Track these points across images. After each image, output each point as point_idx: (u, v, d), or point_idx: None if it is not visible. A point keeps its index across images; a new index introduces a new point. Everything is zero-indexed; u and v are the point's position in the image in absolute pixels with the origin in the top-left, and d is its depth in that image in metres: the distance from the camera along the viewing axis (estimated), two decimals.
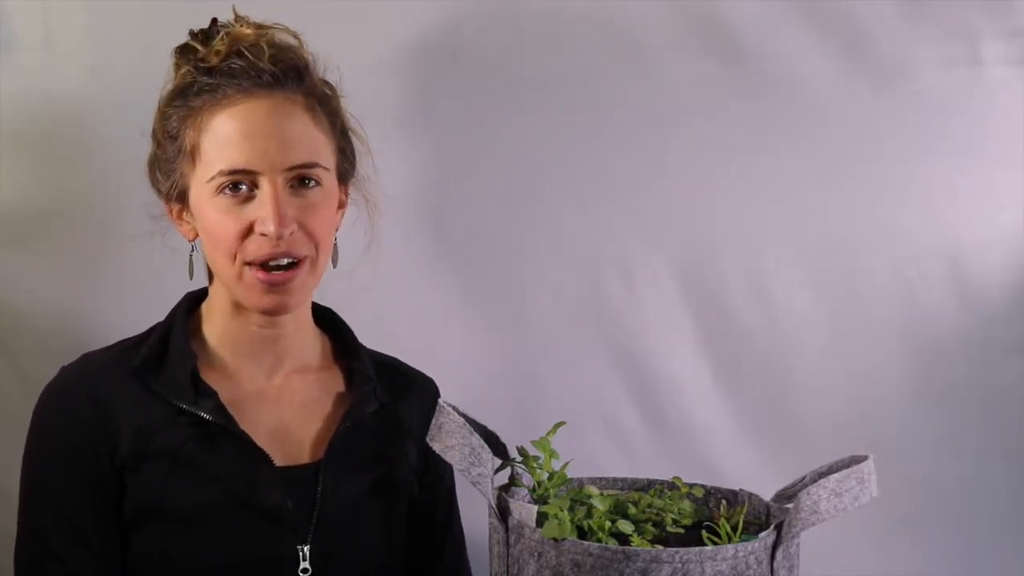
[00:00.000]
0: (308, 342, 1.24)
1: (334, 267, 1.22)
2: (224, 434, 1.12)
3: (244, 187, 1.12)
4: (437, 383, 1.32)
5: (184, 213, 1.18)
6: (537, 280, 1.51)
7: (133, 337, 1.20)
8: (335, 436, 1.18)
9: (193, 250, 1.20)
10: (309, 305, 1.24)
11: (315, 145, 1.16)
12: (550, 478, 1.06)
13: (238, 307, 1.18)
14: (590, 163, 1.50)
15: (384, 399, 1.23)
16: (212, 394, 1.13)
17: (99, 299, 1.41)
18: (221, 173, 1.11)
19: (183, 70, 1.16)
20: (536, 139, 1.49)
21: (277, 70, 1.14)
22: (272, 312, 1.16)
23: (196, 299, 1.23)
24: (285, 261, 1.12)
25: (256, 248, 1.12)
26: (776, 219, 1.52)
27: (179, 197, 1.17)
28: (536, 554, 0.95)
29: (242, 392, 1.18)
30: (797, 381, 1.53)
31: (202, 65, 1.14)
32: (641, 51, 1.49)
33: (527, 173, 1.50)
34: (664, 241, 1.52)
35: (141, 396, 1.13)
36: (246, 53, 1.13)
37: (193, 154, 1.14)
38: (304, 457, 1.18)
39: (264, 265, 1.12)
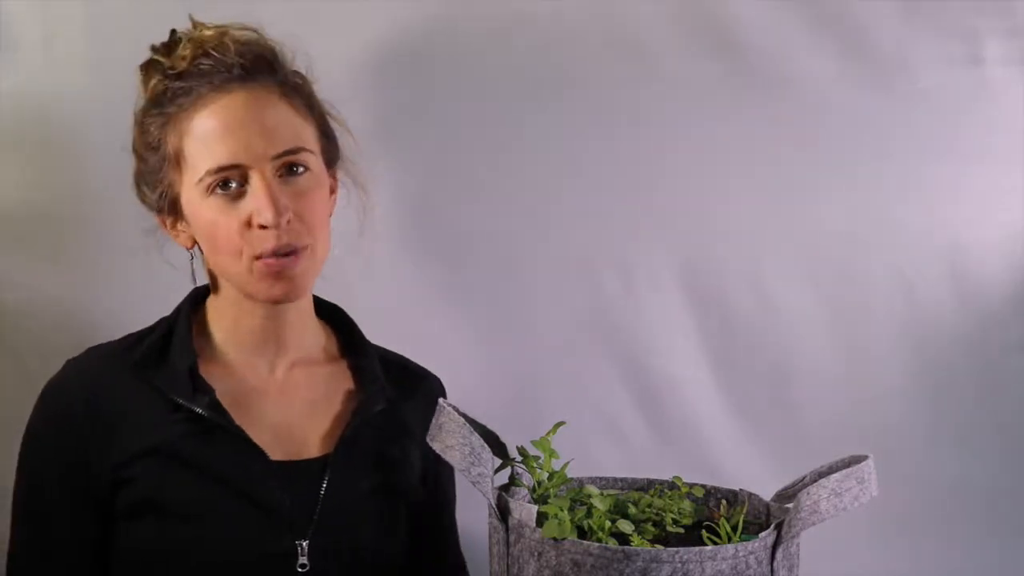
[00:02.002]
0: (309, 334, 1.24)
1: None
2: (220, 430, 1.12)
3: (234, 184, 1.11)
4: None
5: (178, 223, 1.18)
6: (537, 280, 1.51)
7: (142, 330, 1.20)
8: (344, 433, 1.18)
9: (192, 258, 1.20)
10: (310, 296, 1.24)
11: (297, 131, 1.15)
12: (550, 478, 1.06)
13: (245, 297, 1.17)
14: (590, 163, 1.50)
15: (391, 397, 1.23)
16: (209, 390, 1.13)
17: (99, 298, 1.41)
18: (209, 172, 1.11)
19: (153, 81, 1.16)
20: (536, 139, 1.49)
21: (246, 62, 1.14)
22: (283, 300, 1.15)
23: (203, 294, 1.23)
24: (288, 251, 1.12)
25: (260, 242, 1.11)
26: (777, 219, 1.52)
27: (171, 207, 1.17)
28: (536, 554, 0.95)
29: (246, 386, 1.18)
30: (797, 381, 1.53)
31: (171, 72, 1.14)
32: (642, 52, 1.49)
33: (527, 173, 1.50)
34: (664, 241, 1.52)
35: (140, 390, 1.13)
36: (212, 52, 1.13)
37: (178, 160, 1.14)
38: (307, 452, 1.18)
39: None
